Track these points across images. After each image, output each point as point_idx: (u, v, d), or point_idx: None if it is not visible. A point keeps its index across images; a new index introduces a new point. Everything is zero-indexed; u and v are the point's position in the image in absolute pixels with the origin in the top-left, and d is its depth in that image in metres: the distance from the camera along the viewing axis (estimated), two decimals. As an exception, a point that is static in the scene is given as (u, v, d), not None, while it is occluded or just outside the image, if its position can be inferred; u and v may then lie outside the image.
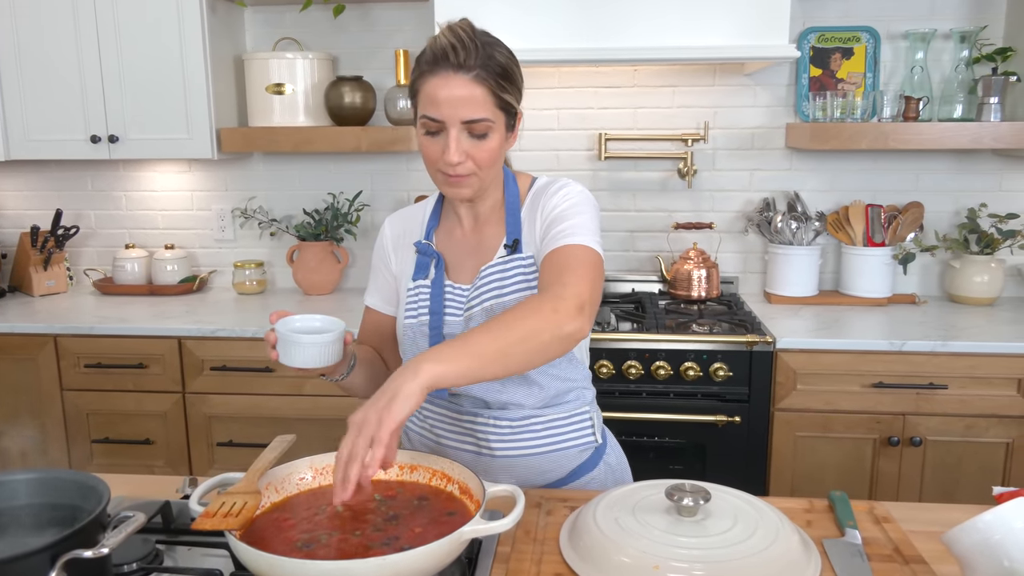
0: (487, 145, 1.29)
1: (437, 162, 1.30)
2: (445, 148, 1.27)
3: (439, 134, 1.28)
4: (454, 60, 1.24)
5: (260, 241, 3.04)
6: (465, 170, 1.29)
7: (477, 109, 1.25)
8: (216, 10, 2.66)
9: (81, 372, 2.50)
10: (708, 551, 1.03)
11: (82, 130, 2.67)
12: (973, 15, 2.65)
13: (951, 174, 2.76)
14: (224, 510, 1.01)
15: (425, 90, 1.27)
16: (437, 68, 1.26)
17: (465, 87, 1.24)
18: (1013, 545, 0.94)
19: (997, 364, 2.24)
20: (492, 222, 1.42)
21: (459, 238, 1.44)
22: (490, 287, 1.36)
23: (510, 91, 1.30)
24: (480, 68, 1.25)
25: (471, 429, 1.39)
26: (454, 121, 1.26)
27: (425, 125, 1.29)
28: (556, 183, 1.41)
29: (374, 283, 1.52)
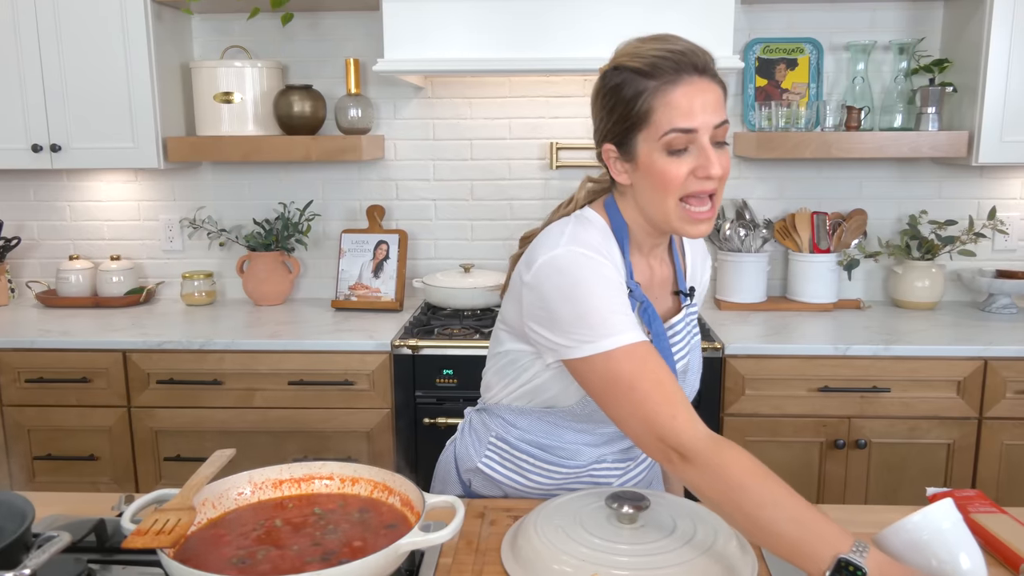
0: (727, 153, 1.16)
1: (680, 186, 1.13)
2: (702, 161, 1.12)
3: (687, 152, 1.13)
4: (700, 67, 1.13)
5: (209, 252, 3.00)
6: (713, 186, 1.15)
7: (720, 111, 1.14)
8: (162, 17, 2.62)
9: (22, 387, 2.44)
10: (647, 557, 1.04)
11: (23, 139, 2.60)
12: (911, 27, 2.73)
13: (893, 182, 2.83)
14: (156, 527, 0.99)
15: (670, 101, 1.11)
16: (680, 75, 1.12)
17: (712, 90, 1.13)
18: (941, 545, 0.96)
19: (938, 367, 2.29)
20: (663, 260, 1.31)
21: (648, 276, 1.28)
22: (682, 339, 1.28)
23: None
24: (715, 75, 1.15)
25: (591, 476, 1.34)
26: (707, 126, 1.12)
27: (671, 143, 1.12)
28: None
29: (629, 316, 1.15)
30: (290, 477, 1.19)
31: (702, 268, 1.41)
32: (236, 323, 2.62)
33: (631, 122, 1.15)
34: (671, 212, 1.16)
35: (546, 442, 1.31)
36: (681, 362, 1.29)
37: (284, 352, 2.38)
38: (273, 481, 1.19)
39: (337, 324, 2.58)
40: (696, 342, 1.35)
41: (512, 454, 1.34)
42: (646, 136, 1.14)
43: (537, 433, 1.31)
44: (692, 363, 1.33)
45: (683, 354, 1.30)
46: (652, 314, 1.22)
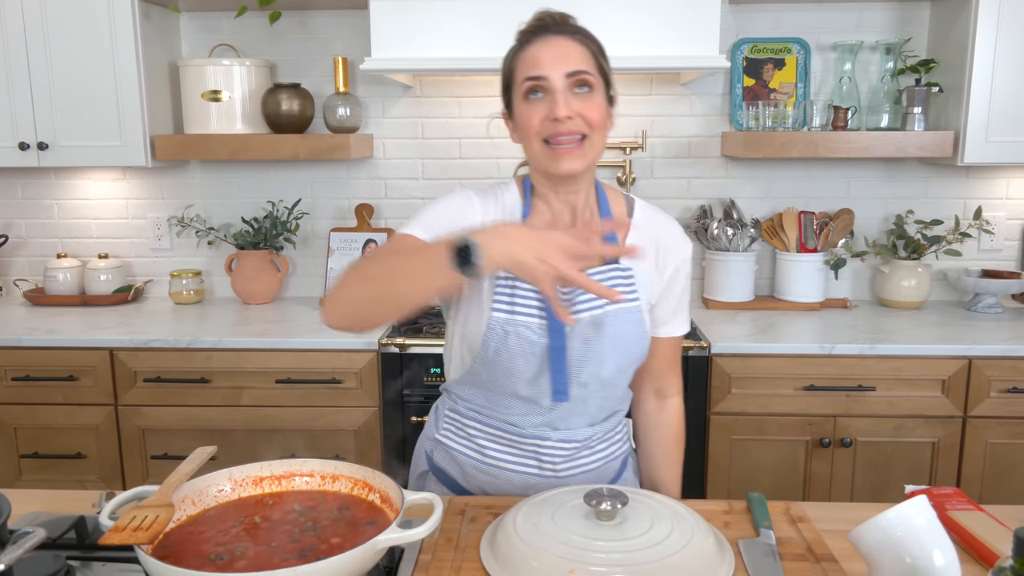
0: (595, 100, 1.24)
1: (542, 127, 1.24)
2: (552, 106, 1.22)
3: (541, 97, 1.24)
4: (552, 27, 1.26)
5: (197, 250, 3.00)
6: (576, 127, 1.23)
7: (580, 62, 1.24)
8: (150, 16, 2.62)
9: (8, 385, 2.43)
10: (624, 554, 1.04)
11: (10, 137, 2.60)
12: (898, 28, 2.74)
13: (880, 182, 2.84)
14: (134, 524, 0.99)
15: (523, 58, 1.25)
16: (535, 37, 1.26)
17: (566, 44, 1.25)
18: (914, 542, 0.97)
19: (923, 366, 2.31)
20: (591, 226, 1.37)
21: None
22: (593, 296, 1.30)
23: (605, 61, 1.29)
24: (575, 33, 1.27)
25: (535, 452, 1.35)
26: (559, 75, 1.22)
27: (527, 87, 1.24)
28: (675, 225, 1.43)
29: (433, 228, 1.28)
30: (271, 474, 1.20)
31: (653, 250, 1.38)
32: (224, 321, 2.62)
33: (506, 84, 1.31)
34: (538, 153, 1.27)
35: (488, 410, 1.37)
36: (587, 314, 1.30)
37: (272, 350, 2.38)
38: (253, 478, 1.19)
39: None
40: (628, 307, 1.33)
41: (462, 423, 1.40)
42: (515, 92, 1.28)
43: (478, 402, 1.38)
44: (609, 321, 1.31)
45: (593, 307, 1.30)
46: None
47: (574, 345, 1.29)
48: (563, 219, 1.35)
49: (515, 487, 1.37)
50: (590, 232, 1.08)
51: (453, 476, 1.43)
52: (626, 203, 1.41)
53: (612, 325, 1.31)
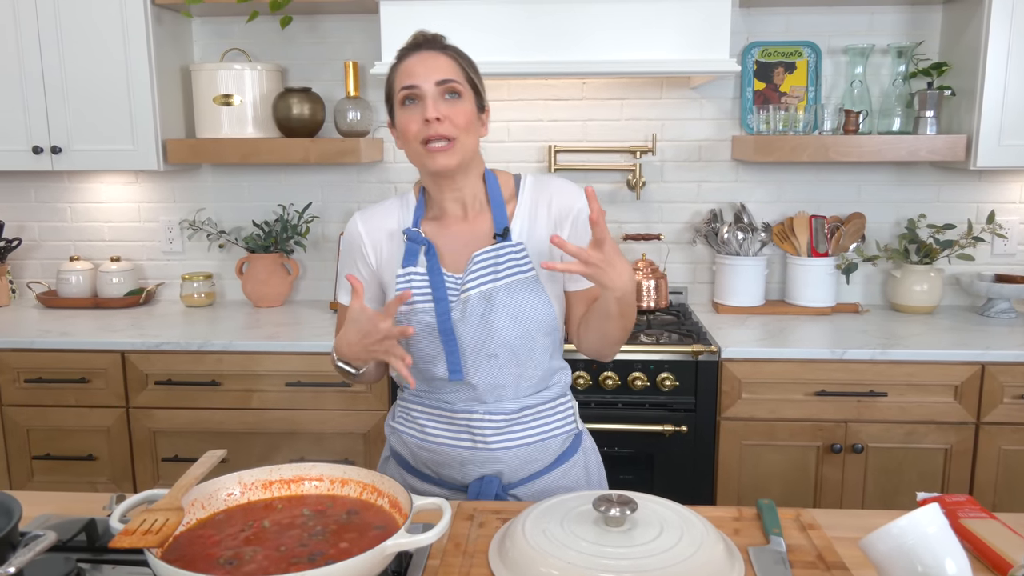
0: (462, 107, 1.40)
1: (418, 131, 1.38)
2: (423, 111, 1.37)
3: (415, 104, 1.39)
4: (425, 45, 1.42)
5: (209, 253, 3.01)
6: (445, 130, 1.37)
7: (448, 72, 1.40)
8: (162, 20, 2.63)
9: (21, 387, 2.45)
10: (634, 560, 1.04)
11: (24, 141, 2.62)
12: (910, 31, 2.73)
13: (891, 186, 2.83)
14: (144, 527, 1.00)
15: (400, 71, 1.41)
16: (409, 52, 1.42)
17: (435, 57, 1.41)
18: (926, 551, 0.96)
19: (935, 371, 2.29)
20: (482, 215, 1.48)
21: (451, 230, 1.48)
22: (485, 272, 1.41)
23: (474, 74, 1.45)
24: (445, 49, 1.43)
25: (466, 426, 1.44)
26: (428, 83, 1.38)
27: (402, 96, 1.40)
28: (564, 182, 1.51)
29: (346, 286, 1.51)
30: (280, 478, 1.20)
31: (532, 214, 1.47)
32: (235, 324, 2.63)
33: (388, 96, 1.46)
34: (418, 153, 1.41)
35: (427, 392, 1.49)
36: (476, 290, 1.41)
37: (282, 353, 2.39)
38: (263, 482, 1.20)
39: (335, 326, 2.58)
40: (514, 279, 1.42)
41: (408, 408, 1.53)
42: (395, 102, 1.43)
43: (420, 387, 1.50)
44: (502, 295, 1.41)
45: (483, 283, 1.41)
46: (431, 251, 1.45)
47: (471, 321, 1.40)
48: (454, 214, 1.48)
49: (454, 462, 1.46)
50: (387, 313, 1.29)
51: (405, 457, 1.55)
52: (514, 182, 1.52)
53: (505, 296, 1.41)
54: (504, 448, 1.43)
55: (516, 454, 1.44)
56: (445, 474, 1.48)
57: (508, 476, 1.46)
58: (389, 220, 1.51)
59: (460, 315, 1.41)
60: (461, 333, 1.41)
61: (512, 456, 1.44)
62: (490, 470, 1.45)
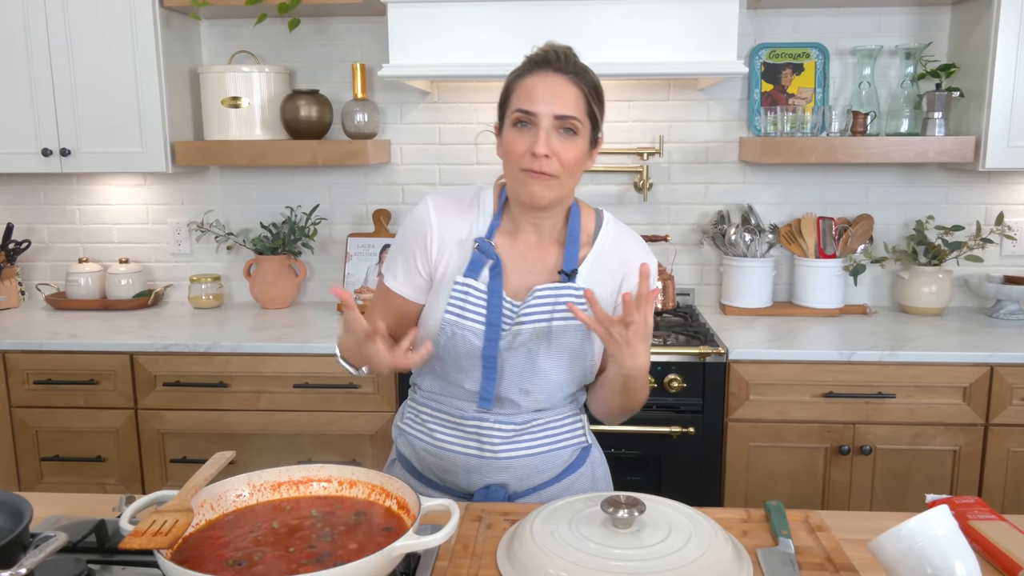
0: (575, 145, 1.33)
1: (522, 157, 1.32)
2: (534, 141, 1.30)
3: (528, 128, 1.32)
4: (555, 63, 1.32)
5: (217, 255, 3.02)
6: (550, 168, 1.31)
7: (569, 107, 1.31)
8: (171, 23, 2.65)
9: (30, 389, 2.46)
10: (642, 562, 1.04)
11: (33, 143, 2.63)
12: (918, 32, 2.72)
13: (899, 187, 2.82)
14: (154, 528, 1.00)
15: (521, 87, 1.33)
16: (536, 69, 1.33)
17: (562, 85, 1.31)
18: (935, 552, 0.96)
19: (943, 373, 2.28)
20: (553, 244, 1.43)
21: (520, 252, 1.42)
22: (542, 309, 1.37)
23: (598, 105, 1.36)
24: (575, 74, 1.33)
25: (476, 433, 1.42)
26: (547, 114, 1.30)
27: (516, 117, 1.32)
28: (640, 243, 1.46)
29: (403, 270, 1.44)
30: (288, 479, 1.20)
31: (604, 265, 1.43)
32: (242, 326, 2.64)
33: (502, 102, 1.38)
34: (514, 176, 1.35)
35: (441, 396, 1.46)
36: (530, 326, 1.37)
37: (290, 355, 2.40)
38: (271, 483, 1.20)
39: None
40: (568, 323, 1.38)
41: (418, 410, 1.50)
42: (507, 113, 1.35)
43: (434, 390, 1.47)
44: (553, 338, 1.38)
45: (538, 320, 1.37)
46: (497, 270, 1.38)
47: (518, 354, 1.37)
48: (527, 236, 1.42)
49: (460, 469, 1.44)
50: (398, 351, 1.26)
51: (411, 461, 1.53)
52: (595, 223, 1.46)
53: (558, 338, 1.38)
54: (512, 457, 1.42)
55: (523, 464, 1.43)
56: (450, 481, 1.47)
57: (514, 486, 1.44)
58: (463, 220, 1.42)
59: (508, 345, 1.37)
60: (503, 361, 1.37)
61: (519, 466, 1.42)
62: (496, 479, 1.43)
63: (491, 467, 1.42)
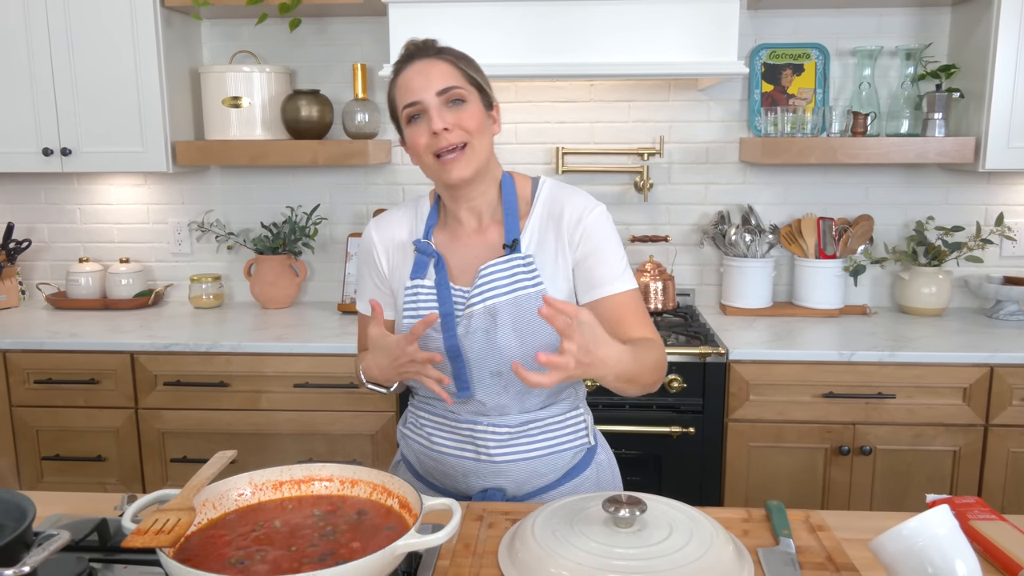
0: (468, 110, 1.35)
1: (427, 146, 1.35)
2: (429, 124, 1.33)
3: (421, 120, 1.35)
4: (417, 54, 1.37)
5: (217, 255, 3.02)
6: (456, 138, 1.33)
7: (447, 79, 1.35)
8: (172, 23, 2.65)
9: (31, 388, 2.46)
10: (643, 561, 1.04)
11: (34, 143, 2.63)
12: (918, 33, 2.72)
13: (899, 188, 2.82)
14: (156, 527, 1.00)
15: (398, 86, 1.38)
16: (403, 66, 1.38)
17: (430, 65, 1.36)
18: (936, 552, 0.96)
19: (943, 373, 2.29)
20: (494, 225, 1.44)
21: (463, 241, 1.44)
22: (491, 286, 1.38)
23: (476, 72, 1.39)
24: (439, 53, 1.38)
25: (470, 436, 1.42)
26: (430, 95, 1.33)
27: (407, 114, 1.36)
28: (577, 197, 1.43)
29: (364, 290, 1.53)
30: (290, 478, 1.21)
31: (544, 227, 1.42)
32: (243, 326, 2.64)
33: (392, 114, 1.42)
34: (432, 167, 1.38)
35: (434, 400, 1.47)
36: (480, 305, 1.37)
37: (290, 355, 2.40)
38: (273, 482, 1.20)
39: (343, 327, 2.59)
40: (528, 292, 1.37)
41: (417, 415, 1.51)
42: (401, 120, 1.39)
43: (429, 394, 1.48)
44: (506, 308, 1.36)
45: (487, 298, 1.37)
46: (440, 264, 1.42)
47: (476, 337, 1.37)
48: (468, 224, 1.45)
49: (456, 472, 1.44)
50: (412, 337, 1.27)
51: (413, 464, 1.54)
52: (531, 188, 1.47)
53: (511, 313, 1.37)
54: (508, 461, 1.40)
55: (521, 468, 1.41)
56: (449, 485, 1.46)
57: (512, 490, 1.42)
58: (401, 228, 1.49)
59: (464, 331, 1.37)
60: (466, 349, 1.38)
61: (516, 470, 1.41)
62: (493, 483, 1.42)
63: (488, 471, 1.41)
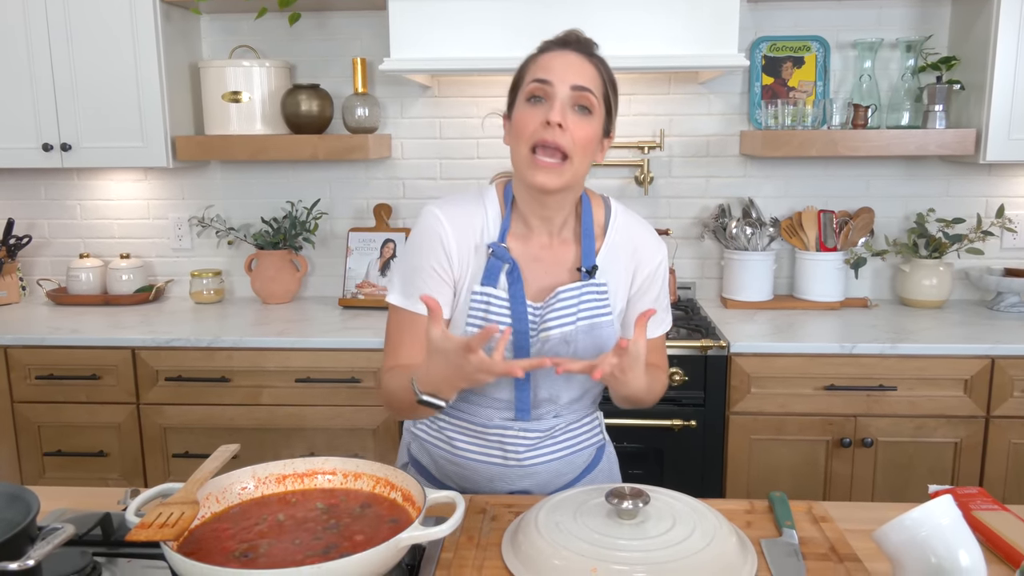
0: (589, 123, 1.27)
1: (534, 132, 1.25)
2: (547, 111, 1.24)
3: (542, 103, 1.26)
4: (574, 44, 1.30)
5: (218, 250, 3.02)
6: (564, 142, 1.24)
7: (589, 80, 1.27)
8: (171, 17, 2.64)
9: (32, 384, 2.46)
10: (646, 553, 1.04)
11: (34, 138, 2.63)
12: (918, 25, 2.72)
13: (900, 180, 2.82)
14: (160, 521, 1.00)
15: (537, 62, 1.29)
16: (553, 47, 1.30)
17: (581, 61, 1.28)
18: (939, 541, 0.96)
19: (944, 365, 2.29)
20: (567, 241, 1.39)
21: (535, 252, 1.37)
22: (566, 311, 1.33)
23: (613, 93, 1.32)
24: (593, 55, 1.31)
25: (498, 441, 1.38)
26: (564, 84, 1.25)
27: (531, 90, 1.27)
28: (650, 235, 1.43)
29: (416, 283, 1.35)
30: (293, 472, 1.21)
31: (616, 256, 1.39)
32: (244, 321, 2.64)
33: (514, 85, 1.34)
34: (523, 160, 1.28)
35: (462, 405, 1.40)
36: (558, 330, 1.32)
37: (291, 350, 2.40)
38: (276, 476, 1.20)
39: (344, 322, 2.60)
40: (594, 321, 1.35)
41: (435, 419, 1.45)
42: (520, 93, 1.30)
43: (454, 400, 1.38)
44: (580, 338, 1.34)
45: (565, 323, 1.33)
46: (515, 275, 1.33)
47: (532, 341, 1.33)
48: (540, 235, 1.37)
49: (482, 478, 1.41)
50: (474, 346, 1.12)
51: (427, 467, 1.49)
52: (605, 213, 1.42)
53: (584, 341, 1.34)
54: (535, 464, 1.39)
55: (546, 469, 1.40)
56: (471, 488, 1.43)
57: (536, 491, 1.41)
58: (472, 223, 1.36)
59: (537, 351, 1.32)
60: (535, 371, 1.32)
61: (542, 471, 1.40)
62: (518, 486, 1.40)
63: (514, 475, 1.39)
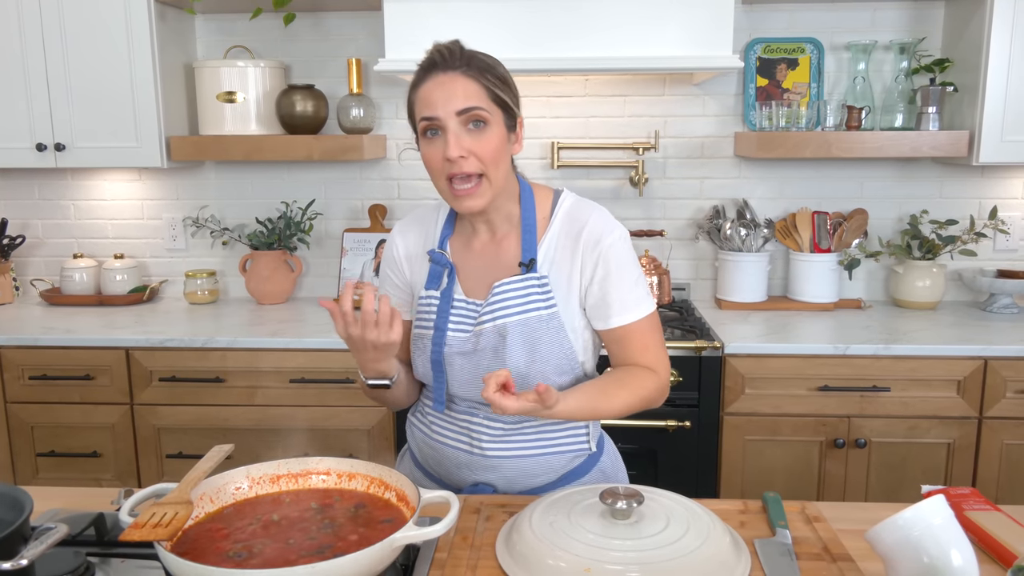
0: (488, 137, 1.28)
1: (441, 167, 1.29)
2: (445, 146, 1.27)
3: (438, 136, 1.29)
4: (442, 64, 1.29)
5: (212, 250, 3.01)
6: (471, 167, 1.27)
7: (470, 98, 1.27)
8: (166, 17, 2.64)
9: (25, 384, 2.46)
10: (640, 552, 1.05)
11: (27, 138, 2.62)
12: (912, 27, 2.73)
13: (894, 181, 2.83)
14: (154, 521, 1.00)
15: (419, 96, 1.30)
16: (427, 75, 1.30)
17: (454, 81, 1.28)
18: (932, 541, 0.97)
19: (937, 366, 2.30)
20: (510, 237, 1.41)
21: (476, 251, 1.42)
22: (504, 304, 1.35)
23: (502, 88, 1.31)
24: (466, 66, 1.29)
25: (467, 429, 1.41)
26: (449, 114, 1.27)
27: (423, 127, 1.30)
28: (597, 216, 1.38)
29: (386, 292, 1.50)
30: (287, 472, 1.21)
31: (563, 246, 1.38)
32: (238, 321, 2.63)
33: (409, 117, 1.36)
34: (443, 191, 1.33)
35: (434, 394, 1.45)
36: (490, 324, 1.35)
37: (286, 350, 2.39)
38: (270, 476, 1.20)
39: None
40: (536, 314, 1.35)
41: (423, 404, 1.50)
42: (417, 130, 1.33)
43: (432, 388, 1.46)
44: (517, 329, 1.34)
45: (499, 317, 1.35)
46: (452, 276, 1.41)
47: (485, 354, 1.36)
48: (482, 235, 1.42)
49: (451, 463, 1.44)
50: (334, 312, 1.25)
51: (413, 451, 1.54)
52: (551, 202, 1.42)
53: (520, 333, 1.34)
54: (499, 456, 1.38)
55: (512, 465, 1.39)
56: (444, 475, 1.46)
57: (503, 487, 1.40)
58: (421, 234, 1.47)
59: (473, 347, 1.36)
60: (476, 364, 1.36)
61: (508, 466, 1.39)
62: (483, 478, 1.40)
63: (479, 464, 1.40)
